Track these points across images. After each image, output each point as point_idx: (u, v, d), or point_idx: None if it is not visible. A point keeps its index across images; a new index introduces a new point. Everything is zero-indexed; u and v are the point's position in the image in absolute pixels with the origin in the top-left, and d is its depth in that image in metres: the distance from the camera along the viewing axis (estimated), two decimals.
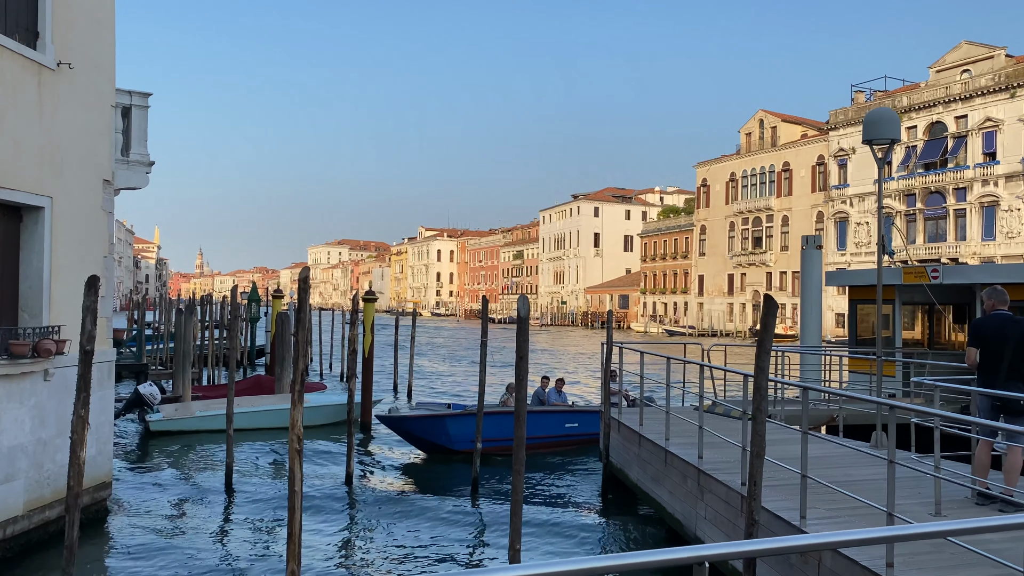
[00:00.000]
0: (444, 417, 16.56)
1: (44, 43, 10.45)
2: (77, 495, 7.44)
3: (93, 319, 7.62)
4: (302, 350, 7.68)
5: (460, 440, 16.32)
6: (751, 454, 7.35)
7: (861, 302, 18.08)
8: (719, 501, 9.01)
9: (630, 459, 12.59)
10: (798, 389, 15.56)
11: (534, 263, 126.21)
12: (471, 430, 15.94)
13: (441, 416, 16.60)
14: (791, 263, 73.52)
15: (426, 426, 16.53)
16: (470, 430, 15.99)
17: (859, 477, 9.37)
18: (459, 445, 16.30)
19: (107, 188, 11.80)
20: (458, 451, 16.27)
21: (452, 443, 16.38)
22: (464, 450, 16.05)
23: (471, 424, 16.03)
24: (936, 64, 62.50)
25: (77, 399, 7.44)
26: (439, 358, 47.32)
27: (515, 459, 7.41)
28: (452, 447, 16.37)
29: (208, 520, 11.97)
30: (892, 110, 11.35)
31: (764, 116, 79.71)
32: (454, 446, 16.35)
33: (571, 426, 17.27)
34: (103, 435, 11.75)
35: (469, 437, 15.95)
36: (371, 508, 12.92)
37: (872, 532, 2.33)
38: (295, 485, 7.42)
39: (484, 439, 15.87)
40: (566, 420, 17.44)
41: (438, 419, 16.49)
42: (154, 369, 29.35)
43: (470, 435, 15.93)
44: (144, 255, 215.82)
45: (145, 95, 12.94)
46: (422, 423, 16.59)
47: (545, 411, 17.42)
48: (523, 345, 7.42)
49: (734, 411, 13.84)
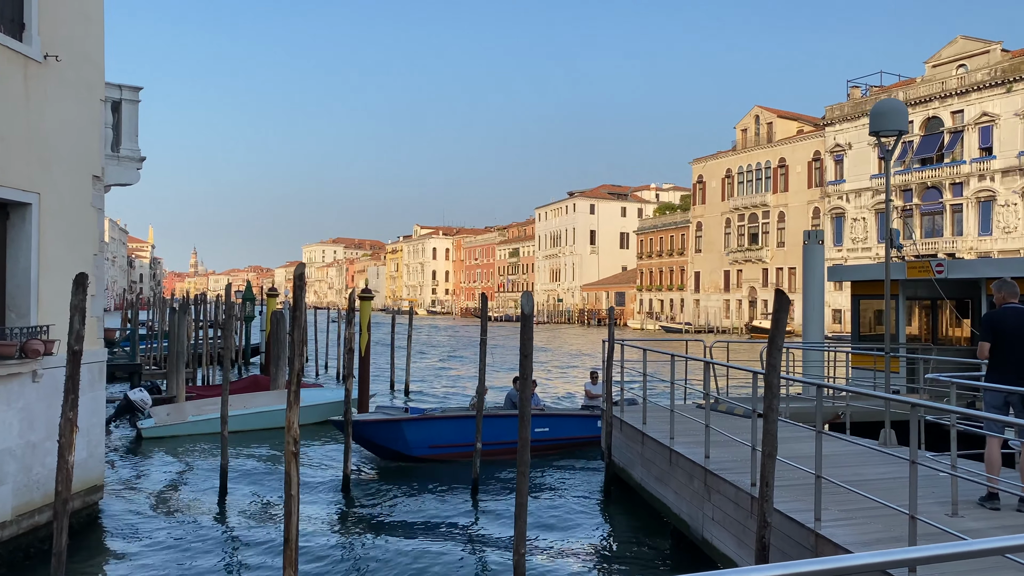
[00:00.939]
0: (400, 422, 15.69)
1: (30, 35, 10.16)
2: (65, 501, 7.18)
3: (81, 318, 7.35)
4: (298, 349, 7.41)
5: (418, 445, 15.56)
6: (763, 454, 7.12)
7: (864, 297, 17.87)
8: (727, 502, 8.78)
9: (633, 458, 12.35)
10: (801, 385, 15.45)
11: (530, 261, 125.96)
12: (430, 435, 15.63)
13: (397, 421, 15.67)
14: (787, 259, 73.41)
15: (381, 431, 15.57)
16: (428, 435, 15.62)
17: (870, 476, 9.15)
18: (417, 451, 15.55)
19: (97, 184, 11.52)
20: (415, 457, 15.53)
21: (409, 449, 15.51)
22: (422, 456, 15.51)
23: (430, 429, 15.70)
24: (932, 59, 62.35)
25: (65, 401, 7.17)
26: (438, 356, 47.05)
27: (519, 461, 7.16)
28: (410, 453, 15.52)
29: (202, 524, 11.70)
30: (900, 101, 11.12)
31: (760, 112, 79.54)
32: (411, 452, 15.53)
33: (540, 431, 16.15)
34: (94, 437, 11.48)
35: (428, 442, 15.56)
36: (368, 511, 12.67)
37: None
38: (292, 489, 7.16)
39: (442, 444, 15.61)
40: (536, 425, 16.24)
41: (394, 424, 15.56)
42: (148, 369, 29.01)
43: (429, 440, 15.59)
44: (138, 254, 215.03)
45: (136, 89, 12.65)
46: (376, 428, 15.61)
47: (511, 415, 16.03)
48: (527, 343, 7.16)
49: (737, 408, 13.62)
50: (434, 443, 15.66)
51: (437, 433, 15.74)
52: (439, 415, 16.41)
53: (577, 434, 16.88)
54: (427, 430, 15.73)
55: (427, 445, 15.60)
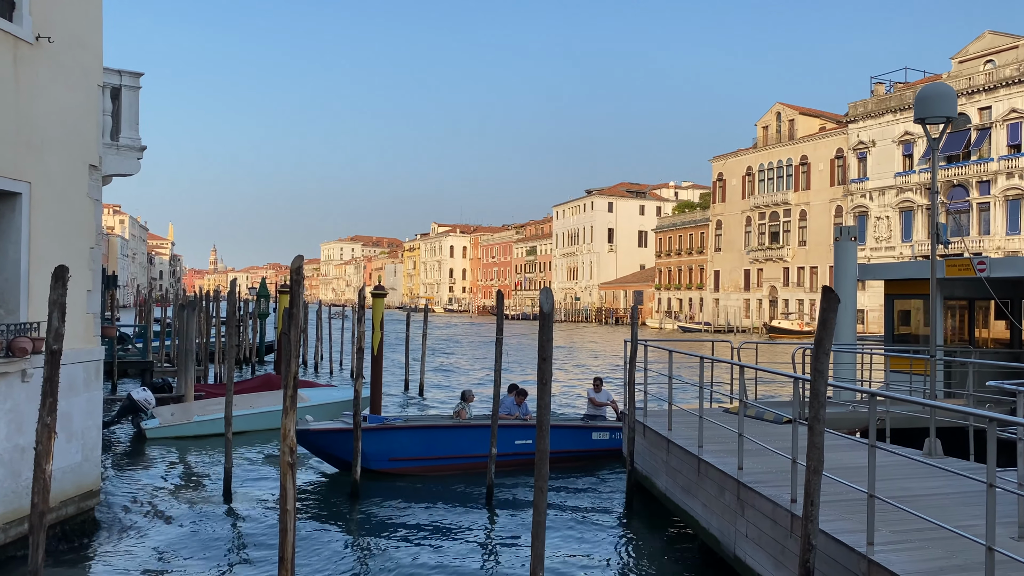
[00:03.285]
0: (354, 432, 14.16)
1: (21, 14, 9.59)
2: (42, 514, 6.57)
3: (61, 315, 6.75)
4: (295, 350, 6.77)
5: (376, 458, 14.24)
6: (807, 469, 6.41)
7: (898, 297, 17.05)
8: (763, 519, 8.06)
9: (657, 467, 11.64)
10: (832, 389, 14.65)
11: (547, 259, 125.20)
12: (390, 447, 14.41)
13: (351, 430, 13.95)
14: (809, 258, 72.28)
15: (335, 441, 14.16)
16: (388, 447, 14.40)
17: (919, 491, 8.41)
18: (375, 464, 14.24)
19: (94, 174, 10.94)
20: (373, 471, 14.18)
21: (367, 460, 14.01)
22: (380, 470, 14.27)
23: (390, 440, 14.47)
24: (959, 55, 61.05)
25: (42, 405, 6.57)
26: (457, 356, 46.45)
27: (537, 475, 6.48)
28: (367, 465, 13.98)
29: (202, 533, 11.11)
30: (947, 85, 10.31)
31: (781, 109, 78.40)
32: (369, 464, 14.09)
33: (522, 443, 14.79)
34: (90, 440, 10.91)
35: (387, 455, 14.36)
36: (376, 519, 12.04)
37: None
38: (288, 503, 6.53)
39: (403, 457, 14.41)
40: (516, 436, 14.93)
41: (349, 433, 13.95)
42: (159, 366, 28.57)
43: (388, 452, 14.37)
44: (158, 252, 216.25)
45: (136, 75, 12.06)
46: (331, 438, 14.27)
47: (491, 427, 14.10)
48: (547, 345, 6.47)
49: (768, 414, 12.88)
50: (395, 455, 14.43)
51: (399, 445, 14.50)
52: (400, 425, 14.99)
53: (570, 447, 15.53)
54: (387, 441, 14.42)
55: (386, 458, 14.34)
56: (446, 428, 14.97)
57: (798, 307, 73.05)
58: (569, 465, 15.22)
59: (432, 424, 15.22)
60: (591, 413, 16.74)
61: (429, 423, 15.40)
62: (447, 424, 15.12)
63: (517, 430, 15.12)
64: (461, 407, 15.90)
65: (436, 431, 14.89)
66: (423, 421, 15.93)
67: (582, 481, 14.41)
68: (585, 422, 16.32)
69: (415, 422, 15.59)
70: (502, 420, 14.85)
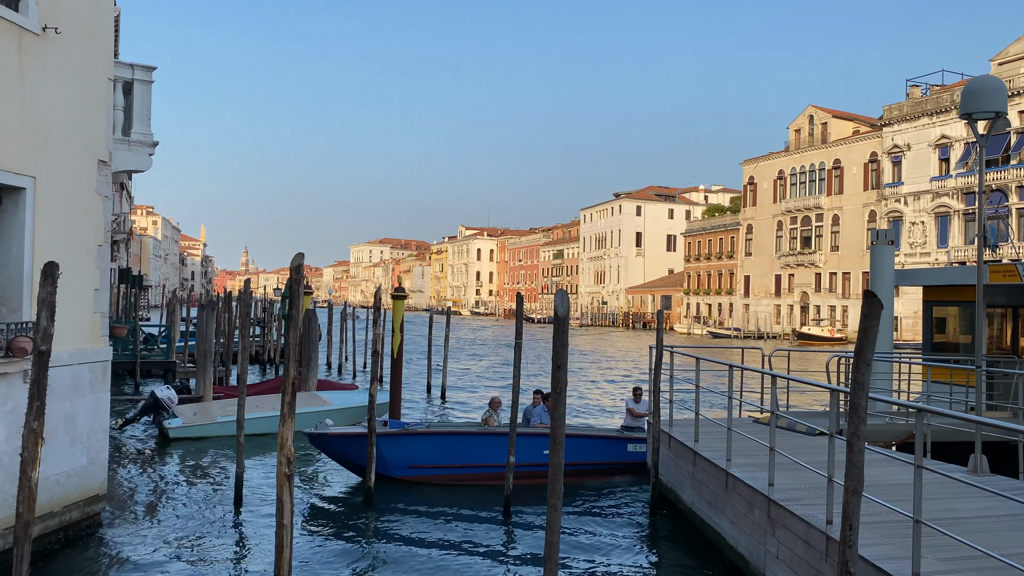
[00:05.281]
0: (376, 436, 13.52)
1: (27, 4, 9.33)
2: (27, 524, 6.22)
3: (50, 314, 6.40)
4: (294, 354, 6.35)
5: (396, 465, 13.69)
6: (846, 489, 5.88)
7: (938, 304, 16.36)
8: (796, 540, 7.52)
9: (683, 479, 11.11)
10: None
11: (574, 263, 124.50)
12: (410, 454, 13.76)
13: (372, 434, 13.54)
14: (842, 263, 70.99)
15: (354, 446, 13.44)
16: (409, 454, 13.75)
17: (965, 512, 7.82)
18: (395, 471, 13.69)
19: (103, 169, 10.66)
20: (393, 478, 13.68)
21: (387, 468, 13.57)
22: (401, 477, 13.71)
23: (410, 446, 13.82)
24: (998, 56, 59.62)
25: (29, 410, 6.23)
26: (480, 359, 46.05)
27: (551, 492, 6.00)
28: (387, 472, 13.58)
29: (209, 539, 10.76)
30: (997, 78, 9.68)
31: (814, 112, 77.17)
32: (389, 471, 13.61)
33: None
34: (96, 443, 10.61)
35: (408, 462, 13.71)
36: (389, 528, 11.63)
37: None
38: (284, 517, 6.12)
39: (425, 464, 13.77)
40: (544, 446, 13.84)
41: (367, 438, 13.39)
42: (182, 367, 28.48)
43: (409, 459, 13.73)
44: (190, 252, 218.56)
45: (149, 69, 11.78)
46: (349, 442, 13.58)
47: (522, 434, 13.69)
48: (561, 351, 6.00)
49: (799, 425, 12.29)
50: (416, 463, 13.81)
51: (420, 451, 13.87)
52: (422, 431, 14.38)
53: (602, 459, 14.74)
54: (407, 448, 13.83)
55: (407, 465, 13.75)
56: (471, 435, 14.26)
57: (830, 313, 71.75)
58: (604, 478, 14.52)
59: (456, 431, 14.58)
60: (629, 424, 15.92)
61: (452, 429, 14.80)
62: (472, 431, 14.45)
63: (546, 439, 14.41)
64: (489, 414, 15.27)
65: (460, 438, 14.20)
66: (446, 427, 15.31)
67: (606, 492, 13.87)
68: (622, 433, 15.63)
69: (438, 428, 14.99)
70: (531, 429, 14.36)
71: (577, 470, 13.88)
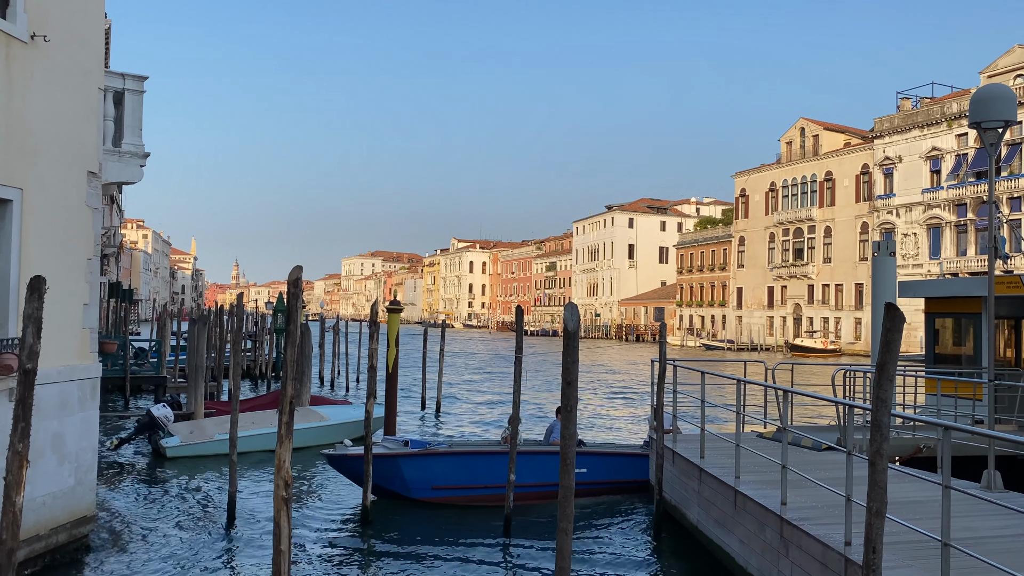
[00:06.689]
0: (397, 457, 13.37)
1: (15, 11, 9.08)
2: (11, 551, 5.92)
3: (36, 330, 6.12)
4: (291, 371, 6.09)
5: (418, 486, 13.36)
6: (869, 511, 5.64)
7: (940, 315, 16.19)
8: (812, 561, 7.27)
9: (688, 497, 10.85)
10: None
11: (567, 275, 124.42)
12: (433, 474, 13.39)
13: (394, 456, 13.33)
14: (834, 275, 71.03)
15: (378, 467, 13.02)
16: (431, 474, 13.38)
17: (984, 531, 7.59)
18: (417, 492, 13.36)
19: (93, 181, 10.39)
20: (416, 499, 13.38)
21: (408, 489, 13.33)
22: (423, 499, 13.36)
23: (433, 467, 13.45)
24: (988, 69, 59.96)
25: (14, 431, 5.94)
26: (474, 372, 45.72)
27: (561, 515, 5.74)
28: (408, 494, 13.35)
29: (200, 563, 10.43)
30: (1006, 86, 9.53)
31: (805, 124, 77.42)
32: (411, 493, 13.35)
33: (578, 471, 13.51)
34: (84, 462, 10.28)
35: (430, 483, 13.35)
36: (385, 549, 11.31)
37: None
38: (281, 543, 5.83)
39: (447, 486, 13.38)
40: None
41: (390, 459, 13.24)
42: (173, 382, 28.10)
43: (431, 480, 13.36)
44: (181, 266, 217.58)
45: (140, 78, 11.53)
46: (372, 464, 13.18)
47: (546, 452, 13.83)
48: (571, 367, 5.75)
49: (805, 440, 12.07)
50: (438, 484, 13.45)
51: (442, 472, 13.52)
52: (444, 451, 13.92)
53: (623, 477, 14.45)
54: (429, 468, 13.46)
55: (429, 486, 13.39)
56: (493, 454, 13.75)
57: (823, 325, 71.72)
58: (629, 495, 14.22)
59: (478, 450, 14.15)
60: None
61: (475, 448, 14.41)
62: (494, 450, 13.95)
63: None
64: (508, 432, 15.01)
65: (482, 457, 13.75)
66: (468, 447, 14.88)
67: (609, 509, 13.57)
68: (645, 450, 15.07)
69: (460, 447, 14.56)
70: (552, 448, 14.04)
71: (604, 487, 14.08)
